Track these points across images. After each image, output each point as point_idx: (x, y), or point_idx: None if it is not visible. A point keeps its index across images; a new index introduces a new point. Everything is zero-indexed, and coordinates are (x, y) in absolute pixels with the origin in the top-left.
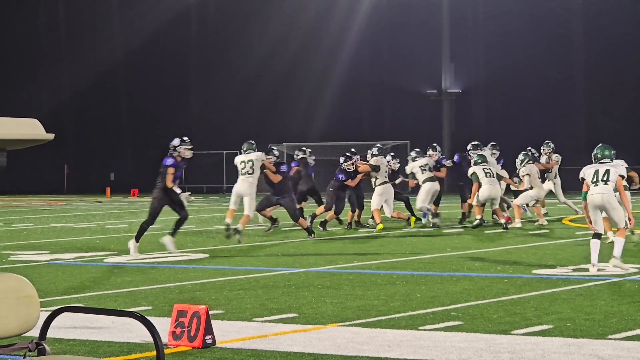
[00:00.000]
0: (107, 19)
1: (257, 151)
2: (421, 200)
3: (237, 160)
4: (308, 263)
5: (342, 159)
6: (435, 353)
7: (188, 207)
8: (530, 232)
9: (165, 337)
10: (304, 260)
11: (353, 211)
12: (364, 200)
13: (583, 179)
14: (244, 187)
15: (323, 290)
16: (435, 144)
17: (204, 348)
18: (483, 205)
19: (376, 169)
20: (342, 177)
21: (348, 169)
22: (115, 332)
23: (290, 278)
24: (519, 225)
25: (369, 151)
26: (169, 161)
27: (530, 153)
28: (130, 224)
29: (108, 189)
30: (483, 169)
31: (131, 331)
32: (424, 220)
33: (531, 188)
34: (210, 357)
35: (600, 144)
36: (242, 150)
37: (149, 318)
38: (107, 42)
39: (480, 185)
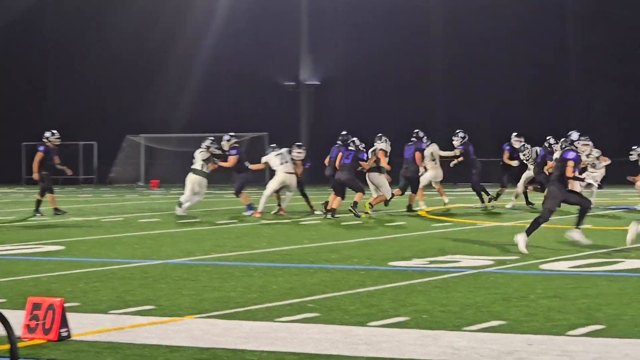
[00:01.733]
0: None
1: None
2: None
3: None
4: (165, 255)
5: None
6: (291, 345)
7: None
8: (386, 224)
9: (19, 330)
10: (161, 252)
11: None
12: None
13: None
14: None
15: (180, 282)
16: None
17: (59, 341)
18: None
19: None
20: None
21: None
22: None
23: (147, 270)
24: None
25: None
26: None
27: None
28: None
29: None
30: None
31: None
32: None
33: (425, 170)
34: (66, 350)
35: None
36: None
37: (2, 311)
38: None
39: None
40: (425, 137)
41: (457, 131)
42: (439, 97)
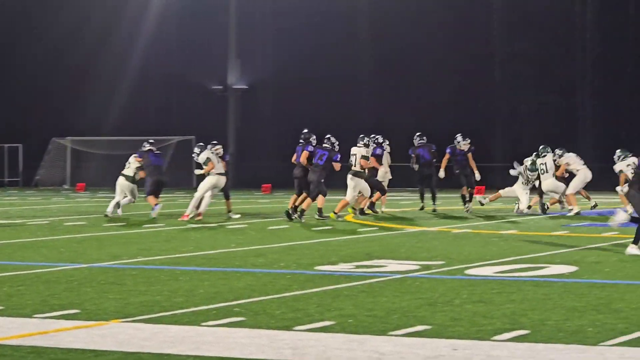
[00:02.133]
0: None
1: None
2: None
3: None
4: (91, 258)
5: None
6: (217, 349)
7: None
8: (313, 229)
9: None
10: (87, 256)
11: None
12: None
13: None
14: None
15: (106, 286)
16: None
17: None
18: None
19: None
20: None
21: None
22: None
23: (72, 274)
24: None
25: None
26: None
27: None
28: None
29: None
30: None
31: None
32: (153, 214)
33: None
34: None
35: None
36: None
37: None
38: None
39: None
40: (385, 142)
41: (418, 134)
42: (366, 101)
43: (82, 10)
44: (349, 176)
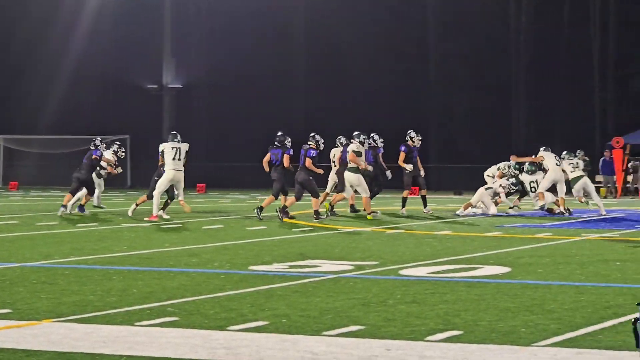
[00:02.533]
0: None
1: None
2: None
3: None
4: (23, 257)
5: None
6: (150, 349)
7: None
8: (247, 228)
9: None
10: (19, 255)
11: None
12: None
13: None
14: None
15: (38, 286)
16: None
17: None
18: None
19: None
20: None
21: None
22: None
23: (4, 273)
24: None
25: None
26: None
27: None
28: None
29: None
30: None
31: None
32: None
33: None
34: None
35: None
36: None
37: None
38: None
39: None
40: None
41: (372, 134)
42: (300, 101)
43: (17, 9)
44: (345, 173)
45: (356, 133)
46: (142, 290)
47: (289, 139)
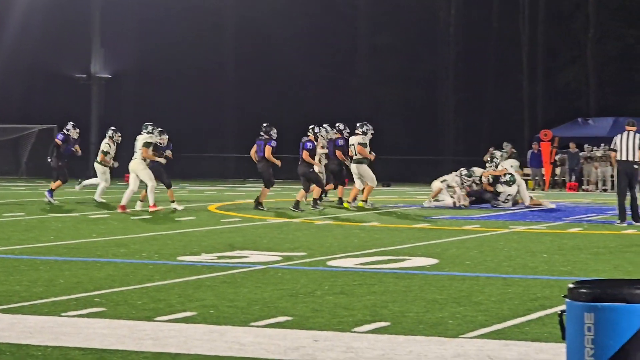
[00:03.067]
0: None
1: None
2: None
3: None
4: None
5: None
6: (77, 340)
7: None
8: (176, 219)
9: None
10: None
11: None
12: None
13: None
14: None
15: None
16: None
17: None
18: None
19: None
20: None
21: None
22: None
23: None
24: None
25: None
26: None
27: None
28: None
29: None
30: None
31: None
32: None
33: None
34: None
35: None
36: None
37: None
38: None
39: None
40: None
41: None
42: (231, 92)
43: None
44: (352, 165)
45: (359, 124)
46: (69, 281)
47: (275, 130)
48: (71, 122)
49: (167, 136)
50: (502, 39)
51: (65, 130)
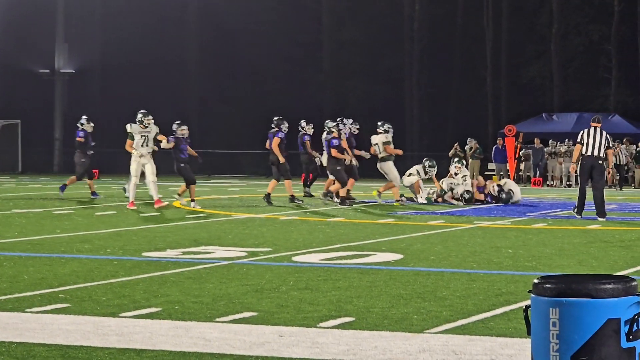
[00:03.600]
0: None
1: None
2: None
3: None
4: None
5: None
6: (42, 336)
7: None
8: (141, 215)
9: None
10: None
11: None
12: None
13: None
14: None
15: None
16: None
17: None
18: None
19: None
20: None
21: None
22: None
23: None
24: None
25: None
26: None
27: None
28: None
29: None
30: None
31: None
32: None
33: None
34: None
35: None
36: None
37: None
38: None
39: None
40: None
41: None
42: (194, 86)
43: None
44: (379, 164)
45: (380, 123)
46: (33, 277)
47: (286, 124)
48: (84, 116)
49: (186, 127)
50: (466, 34)
51: (79, 125)
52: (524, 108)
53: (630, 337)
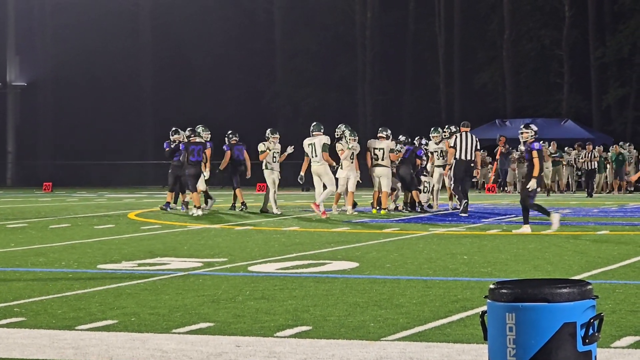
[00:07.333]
0: None
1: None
2: None
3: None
4: None
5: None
6: None
7: None
8: (95, 227)
9: None
10: None
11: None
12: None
13: None
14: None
15: None
16: None
17: None
18: None
19: None
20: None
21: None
22: None
23: None
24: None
25: None
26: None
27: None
28: None
29: None
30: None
31: None
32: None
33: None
34: None
35: None
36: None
37: None
38: None
39: None
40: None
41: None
42: (148, 98)
43: None
44: (377, 170)
45: (381, 128)
46: None
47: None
48: (174, 128)
49: (209, 132)
50: (418, 41)
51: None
52: (477, 114)
53: (587, 340)
